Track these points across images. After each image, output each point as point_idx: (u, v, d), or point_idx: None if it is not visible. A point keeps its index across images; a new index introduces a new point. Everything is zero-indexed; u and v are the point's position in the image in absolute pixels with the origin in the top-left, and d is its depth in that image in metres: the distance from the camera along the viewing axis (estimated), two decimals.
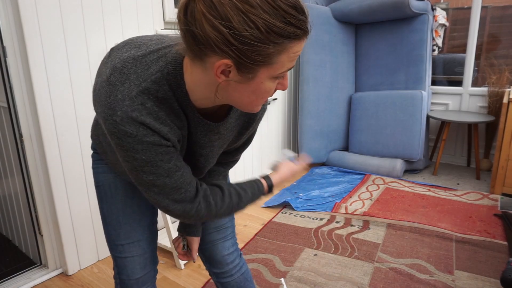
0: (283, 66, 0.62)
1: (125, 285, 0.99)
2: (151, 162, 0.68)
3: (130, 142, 0.65)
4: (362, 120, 3.23)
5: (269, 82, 0.64)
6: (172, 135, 0.70)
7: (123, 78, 0.66)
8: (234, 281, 1.09)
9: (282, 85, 0.67)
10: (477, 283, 1.67)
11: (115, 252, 0.98)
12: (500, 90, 3.02)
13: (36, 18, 1.51)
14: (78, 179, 1.77)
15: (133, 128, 0.64)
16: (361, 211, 2.38)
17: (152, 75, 0.66)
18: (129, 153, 0.67)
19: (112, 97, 0.64)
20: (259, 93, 0.66)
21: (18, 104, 1.58)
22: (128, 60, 0.68)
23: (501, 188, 2.62)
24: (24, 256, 1.97)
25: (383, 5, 2.90)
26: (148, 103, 0.65)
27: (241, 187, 0.86)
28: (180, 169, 0.73)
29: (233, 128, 0.82)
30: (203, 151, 0.81)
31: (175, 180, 0.72)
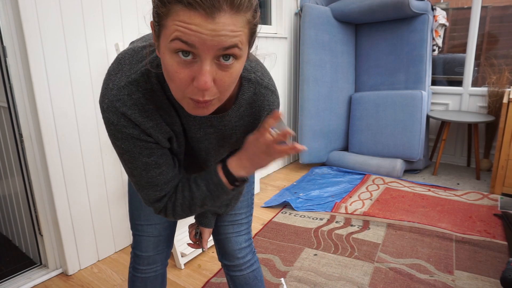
0: (170, 33, 0.54)
1: (137, 258, 1.09)
2: (129, 153, 0.70)
3: (112, 130, 0.68)
4: (362, 120, 3.23)
5: (169, 57, 0.56)
6: (156, 131, 0.70)
7: (118, 68, 0.68)
8: (243, 277, 1.10)
9: (196, 79, 0.56)
10: (477, 283, 1.67)
11: (134, 229, 1.06)
12: (500, 90, 3.02)
13: (36, 18, 1.51)
14: (78, 179, 1.78)
15: (115, 117, 0.66)
16: (361, 211, 2.38)
17: (143, 67, 0.67)
18: (112, 139, 0.70)
19: (105, 85, 0.68)
20: (165, 70, 0.58)
21: (18, 104, 1.58)
22: (128, 52, 0.71)
23: (501, 188, 2.62)
24: (24, 256, 1.97)
25: (383, 5, 2.90)
26: (135, 94, 0.67)
27: (195, 182, 0.77)
28: (160, 166, 0.73)
29: (235, 128, 0.80)
30: (201, 145, 0.80)
31: (152, 176, 0.73)
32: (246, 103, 0.76)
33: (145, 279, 1.10)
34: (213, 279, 1.74)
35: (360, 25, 3.31)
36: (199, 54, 0.55)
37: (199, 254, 1.96)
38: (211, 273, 1.80)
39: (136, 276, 1.10)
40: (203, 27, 0.52)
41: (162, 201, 0.77)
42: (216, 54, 0.55)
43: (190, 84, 0.57)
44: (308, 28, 3.05)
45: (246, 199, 1.08)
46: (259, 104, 0.78)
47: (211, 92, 0.58)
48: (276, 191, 2.86)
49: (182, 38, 0.53)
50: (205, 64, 0.55)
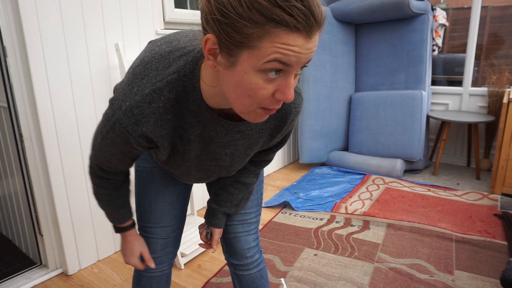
0: (268, 54, 0.53)
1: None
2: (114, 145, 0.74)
3: (116, 127, 0.69)
4: (362, 120, 3.23)
5: (254, 75, 0.56)
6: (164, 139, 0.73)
7: (144, 73, 0.69)
8: (250, 276, 1.10)
9: (282, 93, 0.58)
10: (477, 283, 1.67)
11: (142, 231, 1.07)
12: (500, 90, 3.02)
13: (36, 18, 1.51)
14: (78, 179, 1.78)
15: (127, 121, 0.68)
16: (361, 211, 2.38)
17: (169, 76, 0.67)
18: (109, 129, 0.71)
19: (129, 88, 0.69)
20: (244, 87, 0.57)
21: (18, 104, 1.58)
22: (155, 56, 0.70)
23: (501, 188, 2.62)
24: (24, 256, 1.97)
25: (383, 5, 2.90)
26: (156, 103, 0.67)
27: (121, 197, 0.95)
28: (124, 161, 0.80)
29: (261, 131, 0.80)
30: (227, 150, 0.80)
31: (113, 161, 0.80)
32: None
33: (150, 278, 1.10)
34: (213, 279, 1.74)
35: (360, 25, 3.31)
36: (287, 70, 0.56)
37: (199, 254, 1.96)
38: (211, 273, 1.80)
39: (142, 275, 1.10)
40: (304, 47, 0.54)
41: (103, 173, 0.85)
42: (300, 67, 0.58)
43: (269, 97, 0.59)
44: None
45: (256, 198, 1.08)
46: (286, 107, 0.78)
47: None
48: (276, 191, 2.86)
49: (282, 60, 0.54)
50: (291, 78, 0.57)
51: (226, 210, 1.00)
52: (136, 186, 1.06)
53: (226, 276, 1.76)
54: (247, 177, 0.98)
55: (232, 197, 0.99)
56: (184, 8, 2.31)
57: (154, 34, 2.03)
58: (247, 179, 0.98)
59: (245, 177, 0.98)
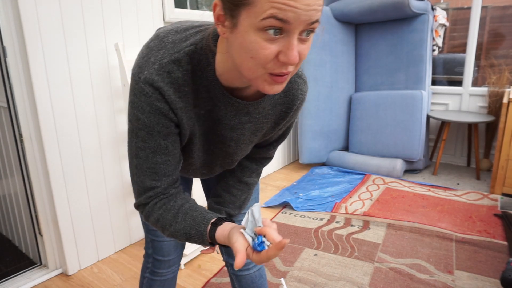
0: (264, 10, 0.52)
1: (158, 263, 1.08)
2: (149, 129, 0.69)
3: (142, 101, 0.67)
4: (362, 120, 3.23)
5: (254, 35, 0.55)
6: (183, 112, 0.71)
7: (161, 45, 0.69)
8: (250, 276, 1.10)
9: (284, 54, 0.56)
10: (477, 283, 1.67)
11: (152, 236, 1.05)
12: (500, 90, 3.02)
13: (36, 18, 1.51)
14: (78, 179, 1.78)
15: (150, 89, 0.66)
16: (361, 211, 2.38)
17: (186, 47, 0.68)
18: (136, 112, 0.69)
19: (146, 58, 0.68)
20: (246, 48, 0.57)
21: (18, 104, 1.58)
22: (171, 32, 0.71)
23: (501, 188, 2.62)
24: (24, 256, 1.97)
25: (383, 5, 2.90)
26: (175, 73, 0.67)
27: (185, 212, 0.73)
28: (168, 154, 0.73)
29: (268, 116, 0.80)
30: (234, 134, 0.79)
31: (157, 161, 0.72)
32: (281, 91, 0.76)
33: (163, 281, 1.09)
34: (213, 279, 1.74)
35: (360, 25, 3.31)
36: (288, 30, 0.55)
37: (199, 255, 1.96)
38: (211, 273, 1.80)
39: (154, 280, 1.09)
40: (302, 2, 0.52)
41: (151, 192, 0.74)
42: (303, 29, 0.55)
43: (273, 60, 0.57)
44: None
45: (254, 198, 1.08)
46: (293, 93, 0.79)
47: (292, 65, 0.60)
48: (276, 191, 2.86)
49: (278, 16, 0.52)
50: (294, 39, 0.56)
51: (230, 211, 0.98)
52: None
53: (226, 276, 1.76)
54: (249, 176, 0.97)
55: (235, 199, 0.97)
56: (184, 8, 2.31)
57: None
58: (249, 179, 0.97)
59: (248, 176, 0.97)
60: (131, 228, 2.07)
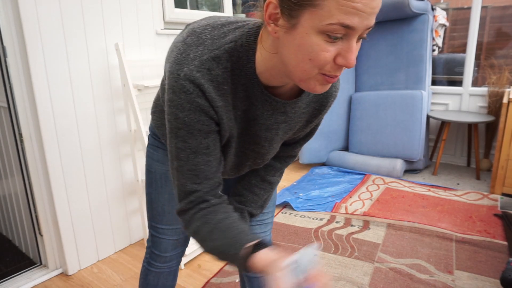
0: (331, 15, 0.52)
1: (155, 256, 1.10)
2: (189, 127, 0.67)
3: (182, 99, 0.65)
4: (362, 120, 3.23)
5: (315, 37, 0.54)
6: (223, 111, 0.69)
7: (199, 41, 0.66)
8: (263, 278, 1.08)
9: (343, 57, 0.56)
10: (477, 283, 1.67)
11: (154, 231, 1.07)
12: (500, 90, 3.02)
13: (36, 18, 1.51)
14: (78, 179, 1.77)
15: (191, 86, 0.64)
16: (361, 211, 2.38)
17: (226, 44, 0.66)
18: (175, 110, 0.66)
19: (184, 55, 0.65)
20: (305, 50, 0.56)
21: (18, 104, 1.58)
22: (207, 27, 0.68)
23: (501, 188, 2.62)
24: (24, 256, 1.97)
25: (383, 5, 2.89)
26: (215, 70, 0.65)
27: (224, 230, 0.69)
28: (209, 154, 0.70)
29: (302, 115, 0.78)
30: (269, 134, 0.78)
31: (198, 162, 0.70)
32: None
33: (158, 273, 1.11)
34: (213, 279, 1.74)
35: None
36: (349, 34, 0.54)
37: (199, 254, 1.96)
38: (211, 273, 1.80)
39: (150, 270, 1.11)
40: (368, 5, 0.52)
41: (192, 196, 0.71)
42: (362, 33, 0.55)
43: (330, 62, 0.57)
44: None
45: (273, 198, 1.06)
46: (328, 90, 0.77)
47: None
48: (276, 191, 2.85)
49: (345, 23, 0.52)
50: (353, 42, 0.55)
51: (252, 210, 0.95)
52: (148, 187, 1.04)
53: (226, 276, 1.76)
54: (273, 175, 0.96)
55: (257, 198, 0.95)
56: (184, 8, 2.31)
57: (154, 34, 2.03)
58: (273, 178, 0.95)
59: (271, 175, 0.95)
60: (131, 228, 2.07)
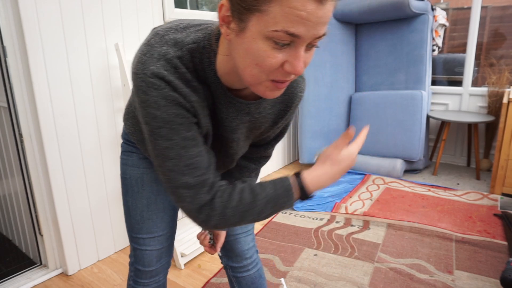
0: (276, 22, 0.52)
1: (140, 273, 1.03)
2: (170, 124, 0.64)
3: (155, 96, 0.62)
4: (362, 120, 3.23)
5: (262, 42, 0.54)
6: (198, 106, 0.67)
7: (162, 42, 0.66)
8: (249, 276, 1.09)
9: (291, 64, 0.56)
10: (477, 283, 1.67)
11: (135, 243, 1.01)
12: (500, 90, 3.02)
13: (36, 18, 1.51)
14: (78, 179, 1.77)
15: (161, 82, 0.62)
16: (361, 211, 2.38)
17: (188, 45, 0.66)
18: (150, 111, 0.63)
19: (148, 55, 0.64)
20: (252, 55, 0.56)
21: (18, 104, 1.58)
22: (170, 29, 0.68)
23: (501, 188, 2.62)
24: (24, 256, 1.97)
25: (383, 5, 2.90)
26: (181, 69, 0.65)
27: (259, 184, 0.70)
28: (198, 145, 0.68)
29: (267, 115, 0.78)
30: (235, 135, 0.78)
31: (192, 155, 0.66)
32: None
33: None
34: (213, 279, 1.74)
35: (360, 25, 3.31)
36: (296, 41, 0.55)
37: (199, 254, 1.96)
38: (211, 273, 1.80)
39: None
40: (314, 14, 0.51)
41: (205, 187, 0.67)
42: (310, 41, 0.56)
43: (278, 68, 0.57)
44: None
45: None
46: (292, 90, 0.77)
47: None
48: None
49: (289, 31, 0.52)
50: (301, 50, 0.56)
51: None
52: (124, 196, 0.99)
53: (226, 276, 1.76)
54: (248, 176, 0.96)
55: None
56: (184, 8, 2.31)
57: None
58: (248, 179, 0.96)
59: (247, 176, 0.96)
60: None
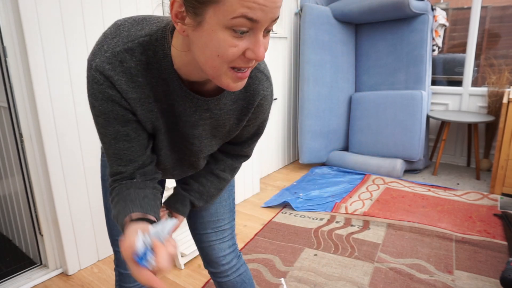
0: (234, 10, 0.52)
1: (122, 276, 1.02)
2: (105, 115, 0.69)
3: (95, 89, 0.67)
4: (362, 120, 3.23)
5: (222, 33, 0.55)
6: (137, 104, 0.70)
7: (115, 33, 0.67)
8: (230, 282, 1.08)
9: (252, 51, 0.57)
10: (477, 283, 1.67)
11: (115, 246, 1.00)
12: (500, 90, 3.02)
13: (36, 18, 1.51)
14: (78, 179, 1.77)
15: (101, 77, 0.65)
16: (361, 211, 2.38)
17: (141, 37, 0.66)
18: (91, 99, 0.69)
19: (99, 46, 0.66)
20: (212, 47, 0.57)
21: (18, 104, 1.58)
22: (128, 20, 0.69)
23: (501, 188, 2.62)
24: (24, 256, 1.97)
25: (383, 5, 2.90)
26: (127, 62, 0.66)
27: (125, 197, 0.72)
28: (131, 140, 0.72)
29: (229, 112, 0.77)
30: (196, 131, 0.78)
31: (120, 148, 0.72)
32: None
33: None
34: None
35: (360, 25, 3.31)
36: (255, 27, 0.56)
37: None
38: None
39: None
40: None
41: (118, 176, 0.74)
42: (267, 26, 0.57)
43: (240, 56, 0.58)
44: (308, 28, 3.05)
45: (228, 204, 1.05)
46: (253, 88, 0.76)
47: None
48: (276, 191, 2.86)
49: (248, 15, 0.53)
50: (260, 36, 0.57)
51: (194, 200, 0.93)
52: (104, 197, 0.99)
53: None
54: (222, 170, 0.94)
55: (203, 189, 0.93)
56: None
57: None
58: (221, 173, 0.94)
59: (220, 170, 0.93)
60: None
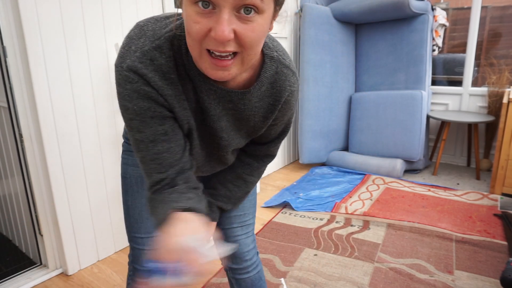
0: None
1: (138, 272, 1.03)
2: (141, 116, 0.67)
3: (128, 89, 0.66)
4: (362, 120, 3.23)
5: (189, 8, 0.57)
6: (174, 100, 0.69)
7: (140, 33, 0.67)
8: (249, 279, 1.08)
9: (213, 29, 0.56)
10: (477, 283, 1.67)
11: (133, 243, 1.01)
12: (500, 90, 3.02)
13: (36, 18, 1.51)
14: (78, 179, 1.77)
15: (135, 76, 0.65)
16: (361, 211, 2.38)
17: (166, 33, 0.67)
18: (124, 102, 0.67)
19: (127, 48, 0.66)
20: (186, 24, 0.59)
21: (18, 104, 1.58)
22: (150, 20, 0.70)
23: (501, 188, 2.62)
24: (24, 256, 1.97)
25: (383, 5, 2.90)
26: (158, 60, 0.66)
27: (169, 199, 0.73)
28: (169, 140, 0.70)
29: (254, 109, 0.77)
30: (221, 123, 0.77)
31: (159, 151, 0.70)
32: (268, 82, 0.74)
33: None
34: (213, 279, 1.74)
35: (360, 25, 3.31)
36: (218, 4, 0.55)
37: None
38: (211, 273, 1.80)
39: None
40: None
41: (158, 185, 0.72)
42: (236, 4, 0.55)
43: (208, 36, 0.57)
44: (308, 28, 3.05)
45: (253, 198, 1.06)
46: (280, 84, 0.75)
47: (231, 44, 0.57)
48: (276, 191, 2.86)
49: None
50: (223, 13, 0.55)
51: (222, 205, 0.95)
52: (124, 195, 1.00)
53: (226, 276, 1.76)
54: (249, 174, 0.95)
55: (230, 194, 0.94)
56: None
57: None
58: (248, 177, 0.95)
59: (247, 174, 0.95)
60: None
